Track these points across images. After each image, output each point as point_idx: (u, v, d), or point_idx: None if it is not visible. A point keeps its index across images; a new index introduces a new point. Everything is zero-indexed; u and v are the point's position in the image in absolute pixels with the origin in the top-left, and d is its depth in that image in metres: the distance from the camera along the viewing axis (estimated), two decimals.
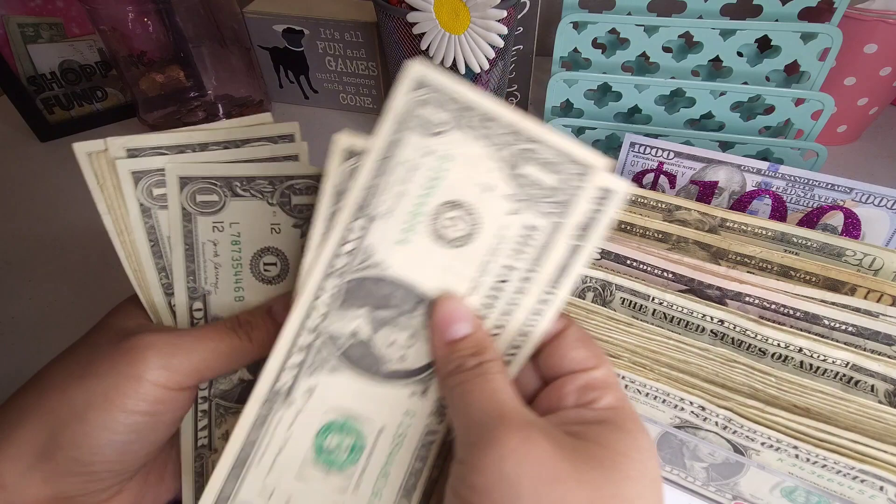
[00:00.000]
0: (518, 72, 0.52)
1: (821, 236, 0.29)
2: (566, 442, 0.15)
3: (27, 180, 0.50)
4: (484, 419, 0.15)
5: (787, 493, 0.23)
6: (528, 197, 0.16)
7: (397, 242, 0.17)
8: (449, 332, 0.17)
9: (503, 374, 0.17)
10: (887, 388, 0.23)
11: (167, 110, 0.54)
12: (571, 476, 0.14)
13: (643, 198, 0.32)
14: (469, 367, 0.17)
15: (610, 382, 0.17)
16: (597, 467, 0.14)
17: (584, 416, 0.16)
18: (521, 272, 0.17)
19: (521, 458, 0.14)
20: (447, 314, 0.17)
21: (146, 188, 0.20)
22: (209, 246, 0.21)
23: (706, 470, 0.24)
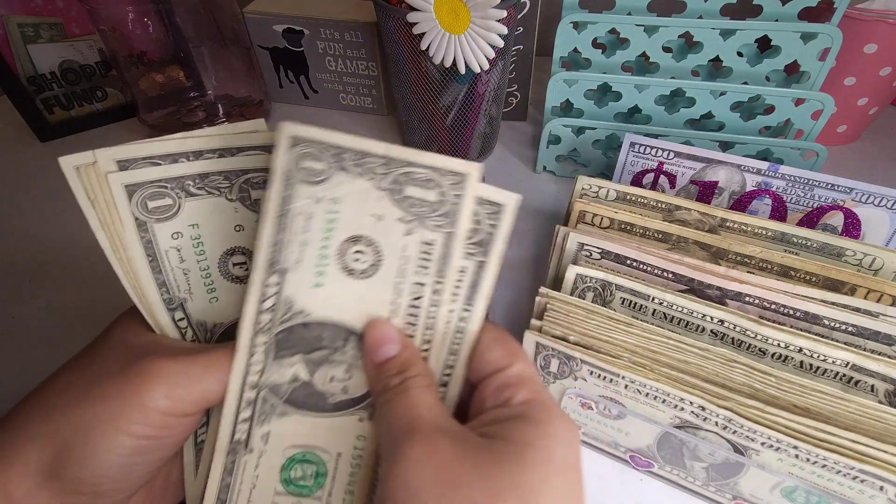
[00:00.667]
0: (518, 72, 0.52)
1: (821, 236, 0.29)
2: (474, 444, 0.15)
3: (27, 180, 0.50)
4: (398, 433, 0.16)
5: (787, 493, 0.23)
6: (417, 216, 0.18)
7: (313, 287, 0.18)
8: (378, 354, 0.18)
9: (425, 388, 0.17)
10: (887, 388, 0.23)
11: (167, 110, 0.54)
12: (472, 476, 0.14)
13: (643, 198, 0.32)
14: (392, 386, 0.17)
15: (524, 377, 0.17)
16: (497, 461, 0.14)
17: (500, 414, 0.16)
18: (430, 286, 0.18)
19: (423, 467, 0.14)
20: (375, 338, 0.18)
21: (141, 201, 0.19)
22: (173, 253, 0.20)
23: (706, 470, 0.24)
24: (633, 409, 0.24)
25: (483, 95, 0.44)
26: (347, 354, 0.19)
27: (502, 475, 0.14)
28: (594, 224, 0.31)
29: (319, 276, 0.18)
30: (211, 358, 0.19)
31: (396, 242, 0.18)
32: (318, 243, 0.18)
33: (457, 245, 0.18)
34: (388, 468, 0.15)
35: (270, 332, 0.19)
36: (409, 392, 0.17)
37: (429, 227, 0.18)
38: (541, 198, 0.46)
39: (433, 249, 0.18)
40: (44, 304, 0.38)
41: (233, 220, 0.21)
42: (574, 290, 0.28)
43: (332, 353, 0.19)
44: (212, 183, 0.20)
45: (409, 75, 0.42)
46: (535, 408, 0.16)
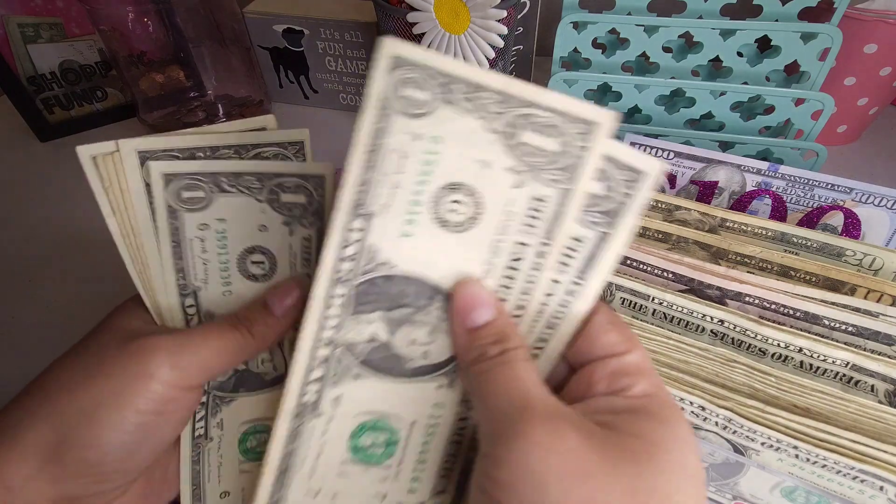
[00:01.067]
0: (518, 72, 0.52)
1: (821, 236, 0.29)
2: (596, 433, 0.14)
3: (27, 180, 0.50)
4: (507, 410, 0.14)
5: (787, 494, 0.23)
6: (531, 167, 0.15)
7: (401, 236, 0.16)
8: (470, 318, 0.16)
9: (528, 361, 0.16)
10: (887, 388, 0.23)
11: (167, 110, 0.54)
12: (602, 470, 0.13)
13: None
14: (492, 356, 0.16)
15: (644, 368, 0.16)
16: (630, 460, 0.13)
17: (615, 404, 0.15)
18: (534, 248, 0.16)
19: (547, 452, 0.13)
20: (468, 300, 0.16)
21: (175, 190, 0.20)
22: (196, 242, 0.20)
23: (706, 470, 0.24)
24: None
25: None
26: (431, 315, 0.17)
27: (637, 477, 0.13)
28: None
29: (409, 225, 0.16)
30: (207, 329, 0.19)
31: (502, 195, 0.15)
32: (412, 188, 0.16)
33: (572, 205, 0.15)
34: (500, 449, 0.14)
35: (350, 283, 0.17)
36: (513, 364, 0.15)
37: (543, 180, 0.15)
38: None
39: (544, 207, 0.16)
40: (44, 303, 0.38)
41: (258, 220, 0.21)
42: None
43: (416, 312, 0.17)
44: (244, 182, 0.20)
45: None
46: (659, 404, 0.15)
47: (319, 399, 0.18)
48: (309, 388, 0.18)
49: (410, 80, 0.14)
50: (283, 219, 0.21)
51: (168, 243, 0.20)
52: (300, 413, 0.18)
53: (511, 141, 0.15)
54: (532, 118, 0.15)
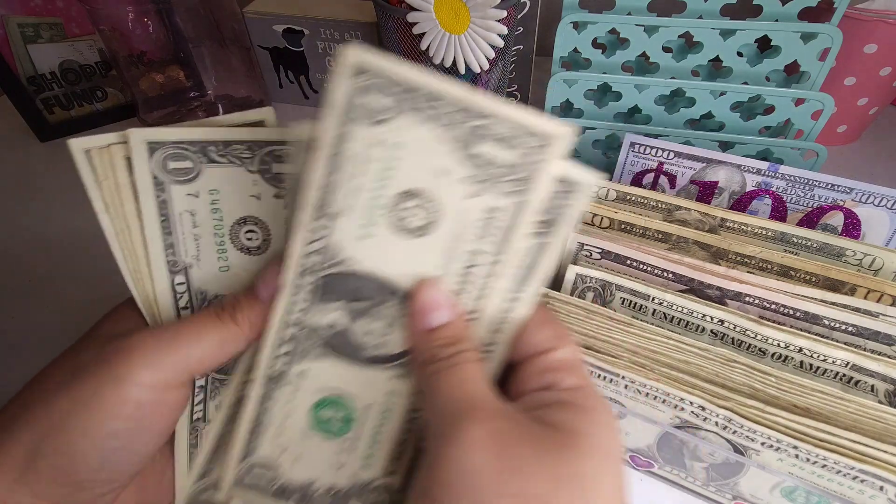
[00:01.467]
0: (518, 72, 0.52)
1: (821, 236, 0.29)
2: (531, 429, 0.15)
3: (27, 180, 0.50)
4: (452, 410, 0.15)
5: (787, 493, 0.23)
6: (487, 177, 0.16)
7: (361, 237, 0.17)
8: (427, 320, 0.17)
9: (477, 363, 0.17)
10: (887, 388, 0.23)
11: (167, 110, 0.54)
12: (530, 462, 0.14)
13: (643, 198, 0.32)
14: (443, 357, 0.16)
15: (572, 362, 0.17)
16: (554, 449, 0.14)
17: (546, 398, 0.16)
18: (488, 256, 0.17)
19: (484, 450, 0.14)
20: (427, 302, 0.17)
21: (161, 160, 0.19)
22: (186, 217, 0.20)
23: (706, 470, 0.24)
24: (633, 409, 0.24)
25: None
26: (390, 310, 0.18)
27: (563, 463, 0.14)
28: (594, 224, 0.31)
29: (369, 227, 0.17)
30: (186, 322, 0.19)
31: (459, 203, 0.16)
32: (370, 192, 0.16)
33: (526, 216, 0.16)
34: (442, 447, 0.14)
35: (316, 274, 0.18)
36: (462, 366, 0.16)
37: (499, 191, 0.16)
38: None
39: (499, 217, 0.16)
40: (44, 303, 0.38)
41: (250, 191, 0.20)
42: (574, 290, 0.28)
43: (374, 306, 0.18)
44: (234, 152, 0.19)
45: None
46: (584, 395, 0.16)
47: (287, 371, 0.19)
48: (278, 360, 0.19)
49: (372, 87, 0.15)
50: (276, 190, 0.20)
51: (156, 218, 0.19)
52: (271, 378, 0.20)
53: (469, 150, 0.15)
54: (490, 129, 0.15)
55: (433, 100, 0.15)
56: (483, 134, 0.15)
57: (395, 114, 0.15)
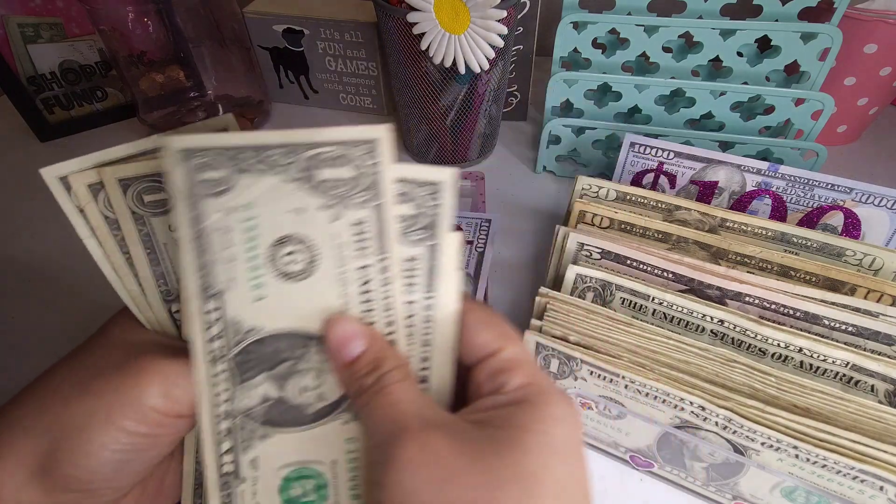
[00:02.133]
0: (518, 72, 0.52)
1: (821, 236, 0.29)
2: (469, 435, 0.15)
3: (27, 180, 0.50)
4: (385, 435, 0.15)
5: (787, 493, 0.23)
6: (338, 198, 0.17)
7: (255, 301, 0.17)
8: (344, 354, 0.17)
9: (404, 382, 0.16)
10: (887, 388, 0.23)
11: (167, 110, 0.54)
12: (467, 470, 0.14)
13: (643, 198, 0.32)
14: (368, 387, 0.16)
15: (518, 361, 0.17)
16: (494, 451, 0.14)
17: (495, 401, 0.16)
18: (375, 266, 0.17)
19: (418, 467, 0.14)
20: (338, 337, 0.17)
21: (136, 195, 0.19)
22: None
23: (706, 470, 0.24)
24: (633, 409, 0.24)
25: (483, 95, 0.44)
26: (312, 360, 0.18)
27: (501, 463, 0.14)
28: (594, 224, 0.31)
29: (258, 290, 0.17)
30: None
31: (326, 231, 0.17)
32: (245, 255, 0.17)
33: (389, 216, 0.17)
34: (381, 473, 0.14)
35: (226, 358, 0.18)
36: (386, 389, 0.16)
37: (354, 205, 0.17)
38: (541, 198, 0.46)
39: (367, 227, 0.17)
40: (44, 303, 0.38)
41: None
42: (574, 290, 0.28)
43: (297, 362, 0.18)
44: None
45: (408, 75, 0.42)
46: (532, 392, 0.16)
47: (237, 467, 0.19)
48: (224, 459, 0.19)
49: (204, 165, 0.16)
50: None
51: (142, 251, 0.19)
52: (226, 483, 0.19)
53: (312, 183, 0.16)
54: (320, 157, 0.16)
55: (260, 152, 0.16)
56: (317, 163, 0.16)
57: (236, 178, 0.16)
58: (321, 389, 0.18)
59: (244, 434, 0.18)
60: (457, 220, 0.37)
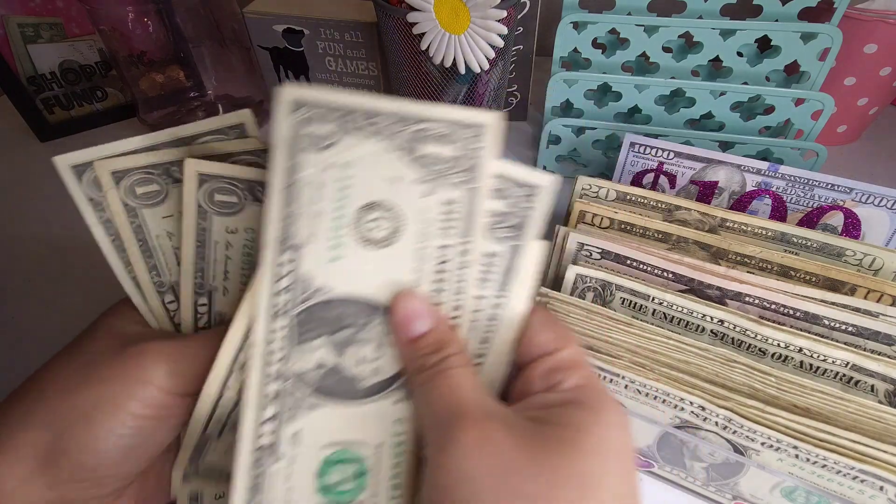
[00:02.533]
0: (518, 72, 0.52)
1: (821, 236, 0.29)
2: (527, 429, 0.15)
3: (27, 180, 0.50)
4: (444, 417, 0.15)
5: (787, 493, 0.23)
6: (436, 174, 0.17)
7: (331, 261, 0.17)
8: (409, 330, 0.17)
9: (466, 367, 0.17)
10: (887, 388, 0.23)
11: (167, 110, 0.54)
12: (527, 464, 0.14)
13: (643, 198, 0.32)
14: (430, 365, 0.16)
15: (576, 362, 0.17)
16: (553, 449, 0.14)
17: (549, 399, 0.16)
18: (456, 248, 0.17)
19: (478, 454, 0.14)
20: (405, 313, 0.17)
21: (128, 187, 0.19)
22: (164, 238, 0.20)
23: (706, 470, 0.24)
24: (634, 409, 0.24)
25: (483, 95, 0.44)
26: (375, 331, 0.18)
27: (561, 463, 0.14)
28: (594, 224, 0.31)
29: (336, 249, 0.17)
30: (208, 336, 0.19)
31: (416, 205, 0.17)
32: (332, 214, 0.17)
33: (480, 201, 0.17)
34: (439, 455, 0.15)
35: (290, 314, 0.17)
36: (450, 372, 0.16)
37: (450, 184, 0.17)
38: None
39: (456, 208, 0.17)
40: (43, 303, 0.38)
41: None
42: (574, 290, 0.28)
43: (359, 330, 0.18)
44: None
45: (409, 75, 0.42)
46: (588, 393, 0.16)
47: (277, 440, 0.18)
48: (264, 428, 0.17)
49: (311, 118, 0.16)
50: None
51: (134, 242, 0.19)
52: (258, 460, 0.17)
53: (413, 155, 0.16)
54: (427, 131, 0.16)
55: (371, 117, 0.16)
56: (423, 137, 0.16)
57: (340, 136, 0.16)
58: (378, 363, 0.18)
59: (292, 400, 0.18)
60: None
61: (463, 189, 0.17)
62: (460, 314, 0.18)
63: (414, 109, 0.16)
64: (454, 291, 0.18)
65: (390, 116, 0.16)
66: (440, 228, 0.17)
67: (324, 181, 0.17)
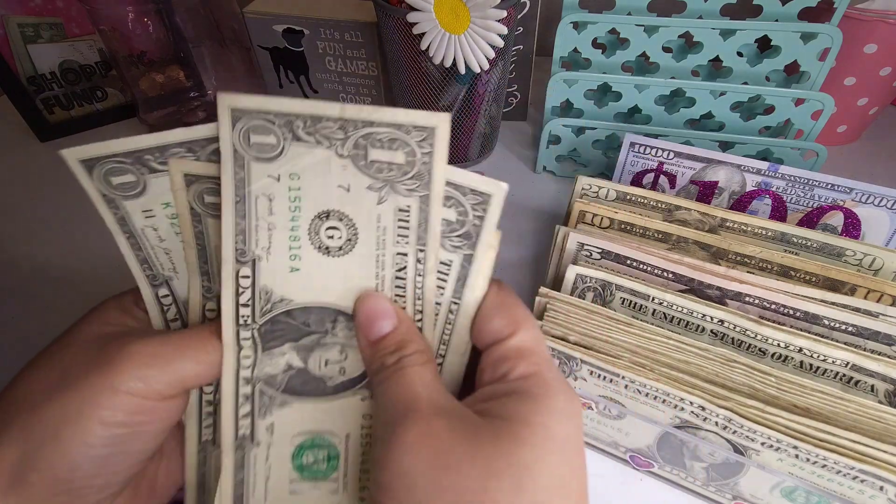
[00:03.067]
0: (518, 72, 0.52)
1: (821, 236, 0.29)
2: (471, 423, 0.15)
3: (27, 180, 0.50)
4: (394, 415, 0.15)
5: (787, 494, 0.23)
6: (386, 181, 0.16)
7: (290, 272, 0.17)
8: (372, 331, 0.17)
9: (423, 365, 0.17)
10: (887, 388, 0.23)
11: (167, 110, 0.54)
12: (465, 459, 0.14)
13: (643, 198, 0.32)
14: (388, 365, 0.17)
15: (524, 349, 0.16)
16: (491, 441, 0.14)
17: (496, 391, 0.16)
18: (412, 255, 0.17)
19: (417, 450, 0.14)
20: (368, 314, 0.17)
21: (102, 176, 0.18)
22: (150, 231, 0.18)
23: (706, 470, 0.24)
24: (633, 409, 0.24)
25: (483, 95, 0.44)
26: (339, 336, 0.18)
27: (497, 455, 0.14)
28: (594, 224, 0.31)
29: (294, 261, 0.17)
30: (184, 337, 0.18)
31: (370, 213, 0.17)
32: (287, 225, 0.17)
33: (434, 209, 0.17)
34: (384, 453, 0.15)
35: (253, 327, 0.18)
36: (405, 371, 0.16)
37: (401, 192, 0.16)
38: (541, 198, 0.46)
39: (409, 216, 0.17)
40: (43, 304, 0.38)
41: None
42: (574, 290, 0.28)
43: (323, 336, 0.18)
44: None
45: (409, 75, 0.42)
46: (534, 383, 0.16)
47: (254, 430, 0.19)
48: (241, 423, 0.19)
49: (256, 128, 0.16)
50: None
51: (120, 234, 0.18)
52: (241, 445, 0.19)
53: (362, 162, 0.16)
54: (374, 136, 0.16)
55: (314, 122, 0.16)
56: (370, 142, 0.16)
57: (285, 146, 0.16)
58: (344, 364, 0.19)
59: (263, 400, 0.19)
60: None
61: (415, 197, 0.17)
62: (422, 317, 0.18)
63: (358, 113, 0.16)
64: (414, 297, 0.18)
65: (334, 122, 0.16)
66: (396, 236, 0.17)
67: (274, 193, 0.16)
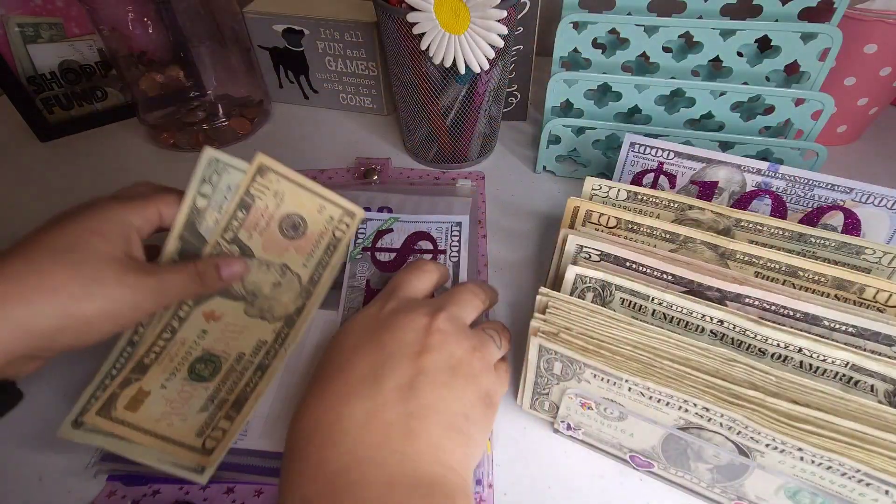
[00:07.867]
0: (518, 72, 0.52)
1: (839, 236, 0.29)
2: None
3: (27, 180, 0.50)
4: None
5: (792, 495, 0.23)
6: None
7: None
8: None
9: None
10: (887, 388, 0.23)
11: (167, 110, 0.54)
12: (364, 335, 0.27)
13: (655, 197, 0.32)
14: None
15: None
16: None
17: None
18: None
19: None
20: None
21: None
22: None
23: (711, 472, 0.24)
24: (637, 411, 0.24)
25: (483, 95, 0.44)
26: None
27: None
28: (601, 224, 0.31)
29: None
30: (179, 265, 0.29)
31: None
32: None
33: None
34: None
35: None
36: None
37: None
38: (541, 198, 0.46)
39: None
40: None
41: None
42: (574, 291, 0.28)
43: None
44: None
45: (409, 75, 0.42)
46: None
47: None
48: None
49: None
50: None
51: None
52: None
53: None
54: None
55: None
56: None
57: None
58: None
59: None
60: (423, 225, 0.37)
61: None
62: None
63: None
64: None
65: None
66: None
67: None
